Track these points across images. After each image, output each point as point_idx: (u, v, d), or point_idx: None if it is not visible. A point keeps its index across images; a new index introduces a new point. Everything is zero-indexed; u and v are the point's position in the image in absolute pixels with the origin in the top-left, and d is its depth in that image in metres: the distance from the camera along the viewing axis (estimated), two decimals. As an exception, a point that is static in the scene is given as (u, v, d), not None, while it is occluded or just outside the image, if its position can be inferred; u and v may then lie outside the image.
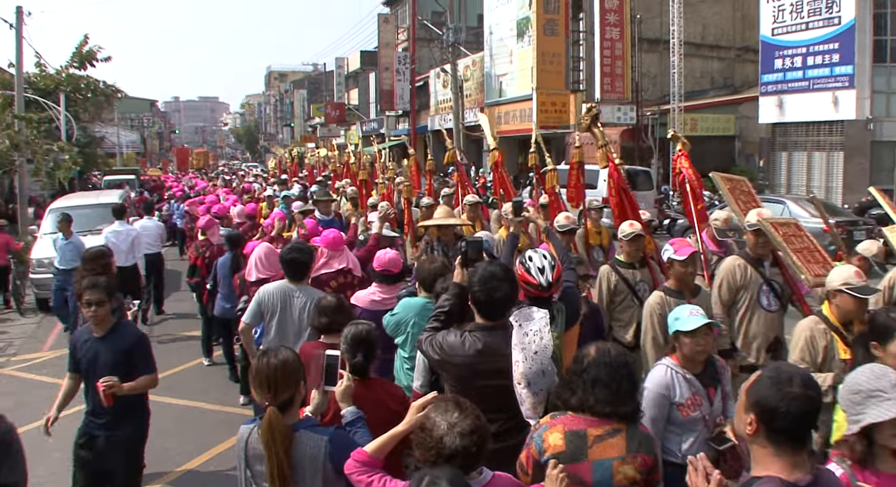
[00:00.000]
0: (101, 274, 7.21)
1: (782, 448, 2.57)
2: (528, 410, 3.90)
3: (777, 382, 2.59)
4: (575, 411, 3.48)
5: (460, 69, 41.11)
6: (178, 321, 14.03)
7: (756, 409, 2.59)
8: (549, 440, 3.43)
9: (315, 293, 6.36)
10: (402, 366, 5.75)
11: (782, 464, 2.57)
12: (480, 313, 4.22)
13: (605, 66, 31.80)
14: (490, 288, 4.12)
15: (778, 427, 2.55)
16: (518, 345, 3.95)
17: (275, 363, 3.61)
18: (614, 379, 3.47)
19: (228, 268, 9.42)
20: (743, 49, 37.72)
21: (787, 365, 2.88)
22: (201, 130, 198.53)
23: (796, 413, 2.54)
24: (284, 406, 3.61)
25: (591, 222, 9.27)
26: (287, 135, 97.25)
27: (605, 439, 3.43)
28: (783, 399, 2.54)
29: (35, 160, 22.15)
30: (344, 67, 71.47)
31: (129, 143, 68.24)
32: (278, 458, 3.51)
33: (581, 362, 3.55)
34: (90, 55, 28.56)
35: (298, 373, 3.67)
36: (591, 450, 3.41)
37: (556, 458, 3.35)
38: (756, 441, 2.62)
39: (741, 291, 6.41)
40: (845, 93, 24.62)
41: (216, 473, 7.37)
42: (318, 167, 22.69)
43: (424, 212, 10.84)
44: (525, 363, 3.88)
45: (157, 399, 9.44)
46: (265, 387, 3.62)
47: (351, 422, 3.86)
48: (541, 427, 3.54)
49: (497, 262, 4.62)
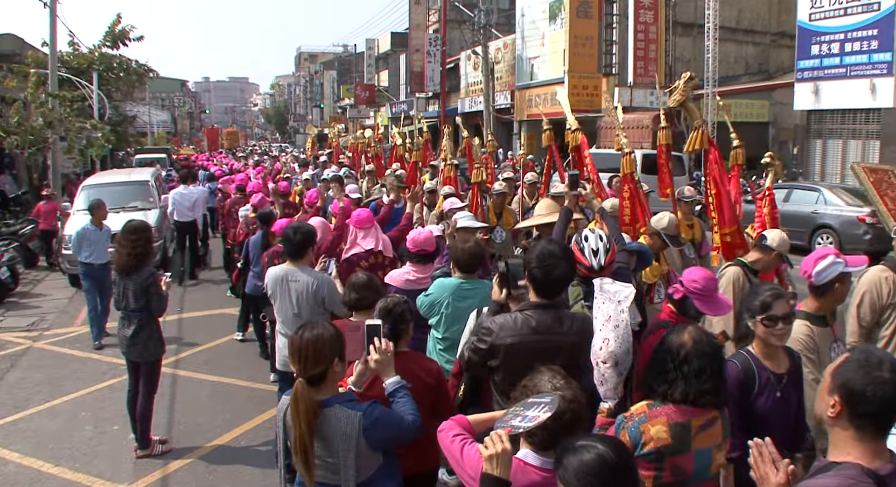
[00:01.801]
0: (142, 249, 7.24)
1: (865, 433, 2.49)
2: (610, 391, 3.78)
3: (866, 365, 2.50)
4: (677, 403, 3.43)
5: (491, 51, 40.84)
6: (208, 298, 14.12)
7: (841, 392, 2.50)
8: (652, 432, 3.38)
9: (316, 276, 6.35)
10: (434, 347, 5.72)
11: (863, 450, 2.49)
12: (537, 291, 4.14)
13: (639, 49, 31.51)
14: (548, 266, 4.04)
15: (863, 412, 2.47)
16: (611, 322, 3.77)
17: (308, 337, 3.62)
18: (716, 370, 3.47)
19: (260, 246, 9.44)
20: (778, 34, 37.19)
21: (877, 349, 2.78)
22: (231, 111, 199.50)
23: (884, 399, 2.45)
24: (315, 381, 3.61)
25: (682, 214, 8.47)
26: (317, 116, 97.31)
27: (706, 429, 3.44)
28: (871, 383, 2.46)
29: (68, 138, 22.38)
30: (374, 49, 71.31)
31: (160, 123, 68.69)
32: (300, 430, 3.52)
33: (677, 352, 3.47)
34: (122, 34, 28.72)
35: (333, 349, 3.64)
36: (695, 441, 3.41)
37: (660, 451, 3.35)
38: (838, 424, 2.54)
39: (889, 310, 5.35)
40: (883, 81, 24.19)
41: (246, 448, 7.40)
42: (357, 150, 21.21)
43: (497, 199, 10.38)
44: (616, 341, 3.73)
45: (191, 374, 9.62)
46: (295, 359, 3.63)
47: (393, 392, 3.82)
48: (636, 417, 3.45)
49: (556, 241, 4.60)
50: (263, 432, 7.64)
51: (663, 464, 3.38)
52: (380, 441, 3.65)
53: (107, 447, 7.51)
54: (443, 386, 4.41)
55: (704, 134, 7.10)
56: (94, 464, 7.12)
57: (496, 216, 10.14)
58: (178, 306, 13.37)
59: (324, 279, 6.33)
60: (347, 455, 3.59)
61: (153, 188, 17.34)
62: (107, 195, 15.65)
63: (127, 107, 41.36)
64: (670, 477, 3.40)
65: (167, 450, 7.32)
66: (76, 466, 7.08)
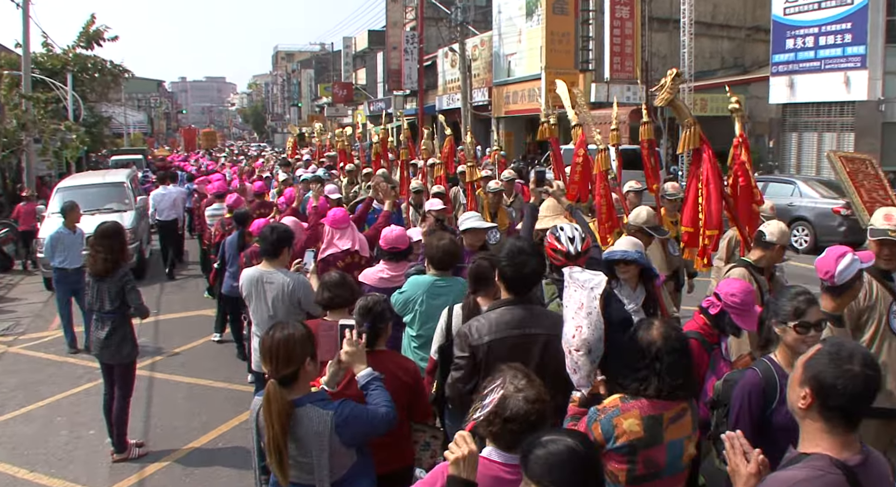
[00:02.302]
0: (117, 252, 7.17)
1: (835, 425, 2.51)
2: (583, 379, 3.78)
3: (837, 358, 2.51)
4: (650, 398, 3.43)
5: (469, 49, 40.80)
6: (185, 299, 14.02)
7: (812, 384, 2.52)
8: (625, 425, 3.38)
9: (291, 276, 6.28)
10: (409, 345, 5.71)
11: (833, 442, 2.51)
12: (508, 288, 4.18)
13: (615, 45, 31.58)
14: (518, 263, 4.08)
15: (833, 405, 2.48)
16: (584, 310, 3.76)
17: (279, 337, 3.60)
18: (686, 365, 3.48)
19: (236, 247, 9.39)
20: (753, 28, 37.35)
21: (849, 341, 2.78)
22: (208, 110, 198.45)
23: (854, 392, 2.47)
24: (287, 381, 3.60)
25: (665, 211, 8.56)
26: (294, 115, 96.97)
27: (677, 420, 3.45)
28: (842, 376, 2.47)
29: (42, 140, 22.20)
30: (351, 47, 71.12)
31: (136, 124, 68.29)
32: (273, 431, 3.51)
33: (648, 350, 3.46)
34: (97, 35, 28.43)
35: (305, 349, 3.63)
36: (667, 433, 3.42)
37: (633, 444, 3.36)
38: (808, 415, 2.55)
39: (866, 313, 5.11)
40: (857, 74, 24.38)
41: (223, 450, 7.36)
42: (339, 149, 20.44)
43: (492, 199, 10.09)
44: (589, 328, 3.72)
45: (167, 377, 9.56)
46: (267, 360, 3.62)
47: (366, 385, 3.83)
48: (609, 410, 3.46)
49: (524, 238, 4.61)
50: (240, 433, 7.60)
51: (636, 457, 3.39)
52: (352, 437, 3.65)
53: (83, 451, 7.45)
54: (419, 384, 4.42)
55: (697, 132, 6.75)
56: (70, 469, 7.06)
57: (491, 216, 9.79)
58: (155, 308, 13.29)
59: (299, 280, 6.27)
60: (321, 455, 3.59)
61: (129, 189, 17.25)
62: (82, 197, 15.57)
63: (102, 109, 41.00)
64: (643, 470, 3.41)
65: (144, 454, 7.27)
66: (52, 471, 7.02)
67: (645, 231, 6.81)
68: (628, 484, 3.45)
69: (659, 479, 3.46)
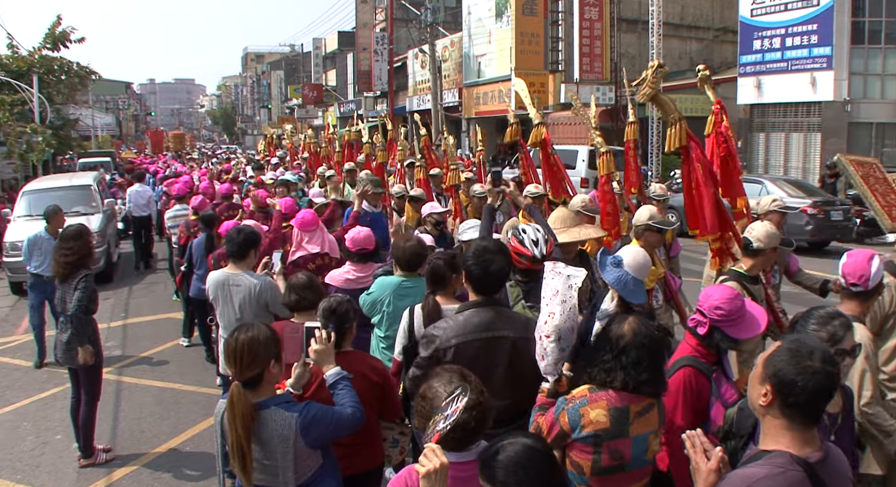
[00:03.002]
0: (81, 256, 7.08)
1: (795, 422, 2.54)
2: (549, 366, 3.75)
3: (797, 355, 2.53)
4: (617, 390, 3.44)
5: (438, 50, 40.88)
6: (154, 302, 13.89)
7: (773, 381, 2.54)
8: (591, 415, 3.40)
9: (258, 279, 6.21)
10: (377, 345, 5.71)
11: (793, 439, 2.53)
12: (475, 288, 4.16)
13: (584, 46, 31.80)
14: (484, 262, 4.06)
15: (793, 402, 2.51)
16: (559, 297, 3.75)
17: (243, 339, 3.58)
18: (654, 360, 3.47)
19: (204, 249, 9.32)
20: (721, 30, 37.71)
21: (809, 338, 2.80)
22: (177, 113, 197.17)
23: (813, 389, 2.49)
24: (251, 383, 3.58)
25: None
26: (264, 117, 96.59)
27: (643, 414, 3.46)
28: (801, 373, 2.49)
29: (8, 142, 21.94)
30: (321, 48, 70.95)
31: (104, 126, 67.47)
32: (237, 434, 3.49)
33: (616, 342, 3.47)
34: (63, 36, 28.16)
35: (269, 351, 3.61)
36: (633, 426, 3.43)
37: (598, 434, 3.38)
38: (769, 412, 2.58)
39: (891, 320, 4.95)
40: (823, 75, 24.69)
41: (191, 454, 7.30)
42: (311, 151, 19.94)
43: (477, 202, 9.30)
44: (562, 316, 3.70)
45: (135, 381, 9.46)
46: (231, 362, 3.60)
47: (334, 384, 3.82)
48: (577, 400, 3.47)
49: (489, 237, 4.59)
50: (209, 437, 7.52)
51: (601, 448, 3.41)
52: (317, 439, 3.65)
53: (49, 457, 7.36)
54: (388, 383, 4.42)
55: (683, 128, 6.31)
56: (37, 475, 6.99)
57: None
58: (123, 311, 13.19)
59: (266, 282, 6.22)
60: (285, 458, 3.58)
61: (96, 192, 17.09)
62: (48, 200, 15.31)
63: (70, 111, 40.59)
64: (609, 461, 3.43)
65: (111, 458, 7.20)
66: (18, 477, 6.94)
67: (654, 228, 6.26)
68: (593, 476, 3.46)
69: (623, 472, 3.48)
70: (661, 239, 6.38)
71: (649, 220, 6.24)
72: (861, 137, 25.27)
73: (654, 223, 6.24)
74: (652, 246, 6.23)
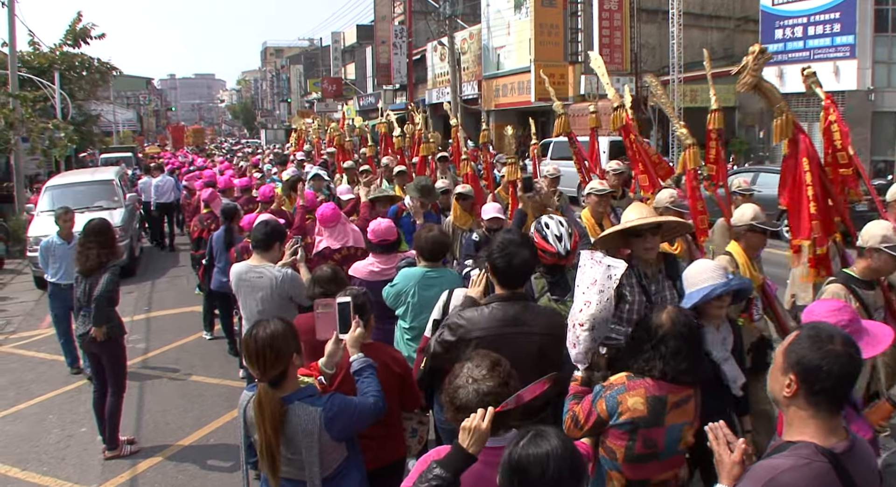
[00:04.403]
0: (106, 250, 7.11)
1: (821, 411, 2.48)
2: (580, 354, 3.75)
3: (818, 341, 2.49)
4: (655, 378, 3.49)
5: (457, 42, 40.77)
6: (177, 296, 13.96)
7: (797, 369, 2.49)
8: (629, 403, 3.45)
9: (282, 272, 6.16)
10: (402, 337, 5.69)
11: (818, 428, 2.48)
12: (500, 281, 4.11)
13: (604, 37, 31.61)
14: (509, 254, 4.01)
15: (819, 389, 2.45)
16: (597, 286, 3.71)
17: (263, 337, 3.51)
18: (693, 350, 3.50)
19: (223, 242, 9.35)
20: (743, 19, 37.36)
21: (825, 324, 2.75)
22: (198, 108, 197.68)
23: (839, 373, 2.44)
24: (276, 381, 3.55)
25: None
26: (284, 111, 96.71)
27: (681, 405, 3.50)
28: (826, 357, 2.44)
29: (31, 138, 22.07)
30: (340, 42, 70.92)
31: (125, 121, 67.81)
32: (266, 434, 3.47)
33: (654, 332, 3.52)
34: (84, 33, 28.34)
35: (290, 346, 3.57)
36: (669, 416, 3.47)
37: (635, 422, 3.43)
38: (793, 403, 2.53)
39: None
40: (846, 64, 24.44)
41: (215, 446, 7.33)
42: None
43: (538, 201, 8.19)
44: (598, 305, 3.68)
45: (158, 373, 9.51)
46: (253, 363, 3.55)
47: (359, 371, 3.82)
48: (615, 387, 3.52)
49: (514, 229, 4.55)
50: (232, 429, 7.55)
51: (636, 435, 3.45)
52: (342, 432, 3.63)
53: (74, 449, 7.42)
54: (409, 374, 4.39)
55: (790, 119, 5.81)
56: (62, 467, 7.03)
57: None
58: (146, 305, 13.27)
59: (288, 274, 6.17)
60: (311, 452, 3.56)
61: (118, 187, 17.20)
62: (71, 195, 15.55)
63: (91, 107, 40.84)
64: (642, 449, 3.48)
65: (136, 450, 7.24)
66: (43, 469, 6.99)
67: (758, 229, 5.54)
68: (625, 462, 3.52)
69: (656, 460, 3.52)
70: (765, 241, 5.66)
71: (753, 220, 5.54)
72: (885, 126, 25.00)
73: (759, 223, 5.54)
74: (754, 248, 5.62)
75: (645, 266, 4.76)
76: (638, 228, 4.68)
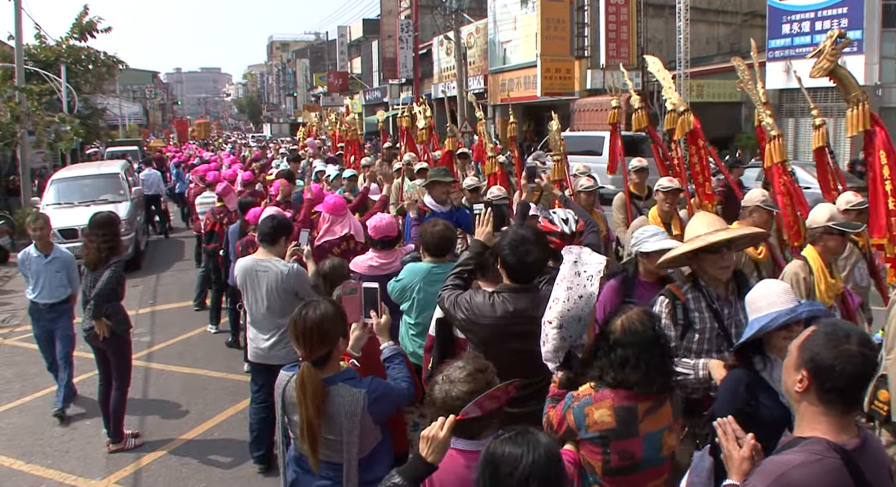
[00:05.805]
0: (111, 243, 7.10)
1: (833, 408, 2.46)
2: (549, 353, 3.66)
3: (834, 339, 2.44)
4: (615, 388, 3.29)
5: (464, 36, 40.73)
6: (182, 289, 13.95)
7: (809, 366, 2.46)
8: (595, 416, 3.26)
9: (287, 266, 6.14)
10: (407, 332, 5.67)
11: (830, 425, 2.46)
12: (510, 276, 4.10)
13: (610, 31, 31.59)
14: (521, 252, 3.99)
15: (831, 387, 2.42)
16: (564, 283, 3.64)
17: (312, 318, 3.53)
18: (643, 359, 3.23)
19: (238, 235, 9.34)
20: (749, 14, 37.28)
21: (843, 321, 2.71)
22: (204, 101, 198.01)
23: (852, 373, 2.40)
24: (321, 362, 3.55)
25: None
26: (290, 105, 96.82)
27: (654, 411, 3.30)
28: (839, 357, 2.40)
29: (37, 132, 22.09)
30: (346, 36, 70.95)
31: (131, 115, 67.91)
32: (308, 414, 3.46)
33: (607, 338, 3.34)
34: (90, 26, 28.40)
35: (338, 329, 3.59)
36: (643, 424, 3.27)
37: (605, 435, 3.24)
38: (805, 399, 2.50)
39: None
40: (854, 59, 24.27)
41: (219, 440, 7.32)
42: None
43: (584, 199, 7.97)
44: (566, 303, 3.58)
45: (164, 367, 9.51)
46: (300, 342, 3.54)
47: (390, 358, 3.87)
48: (581, 398, 3.33)
49: (527, 225, 4.51)
50: (237, 423, 7.56)
51: (609, 449, 3.27)
52: (382, 414, 3.68)
53: (79, 442, 7.42)
54: (410, 366, 4.37)
55: (866, 109, 5.51)
56: (66, 460, 7.03)
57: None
58: (151, 298, 13.27)
59: (293, 269, 6.15)
60: (351, 434, 3.56)
61: (123, 180, 17.20)
62: (77, 188, 15.57)
63: (97, 100, 40.88)
64: (619, 461, 3.28)
65: (140, 444, 7.24)
66: (48, 462, 6.98)
67: (834, 230, 5.11)
68: (605, 476, 3.32)
69: (637, 472, 3.32)
70: (844, 244, 5.27)
71: (829, 221, 5.12)
72: (893, 122, 24.71)
73: (836, 225, 5.11)
74: (832, 252, 5.22)
75: (715, 286, 4.24)
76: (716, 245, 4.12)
